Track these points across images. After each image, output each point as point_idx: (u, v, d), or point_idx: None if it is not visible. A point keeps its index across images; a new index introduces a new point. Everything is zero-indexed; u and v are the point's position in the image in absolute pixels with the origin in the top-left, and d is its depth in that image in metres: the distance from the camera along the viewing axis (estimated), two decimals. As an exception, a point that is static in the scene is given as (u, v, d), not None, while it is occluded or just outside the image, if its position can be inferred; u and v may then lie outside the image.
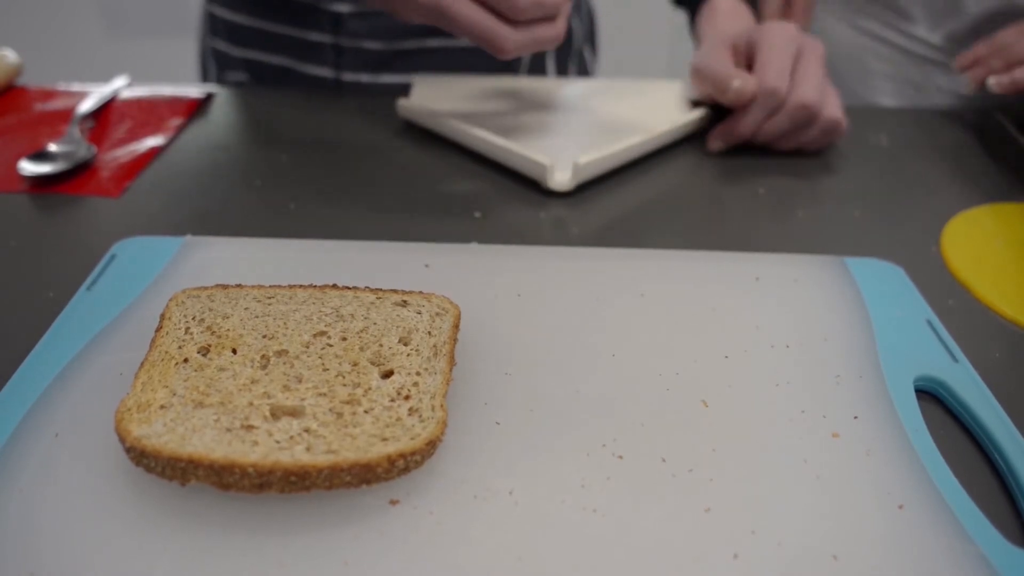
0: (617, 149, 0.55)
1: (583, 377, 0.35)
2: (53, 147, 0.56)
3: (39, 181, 0.53)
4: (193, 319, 0.35)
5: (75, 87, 0.67)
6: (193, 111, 0.64)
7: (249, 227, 0.49)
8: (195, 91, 0.67)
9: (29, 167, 0.53)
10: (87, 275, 0.42)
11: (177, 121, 0.62)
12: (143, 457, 0.28)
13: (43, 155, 0.55)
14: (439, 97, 0.64)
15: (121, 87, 0.67)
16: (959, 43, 0.75)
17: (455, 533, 0.28)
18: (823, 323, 0.40)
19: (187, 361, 0.32)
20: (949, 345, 0.38)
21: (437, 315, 0.36)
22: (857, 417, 0.34)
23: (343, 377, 0.32)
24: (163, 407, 0.30)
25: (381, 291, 0.37)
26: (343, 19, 0.73)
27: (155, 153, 0.58)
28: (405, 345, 0.34)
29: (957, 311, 0.43)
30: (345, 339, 0.34)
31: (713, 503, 0.29)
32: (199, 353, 0.33)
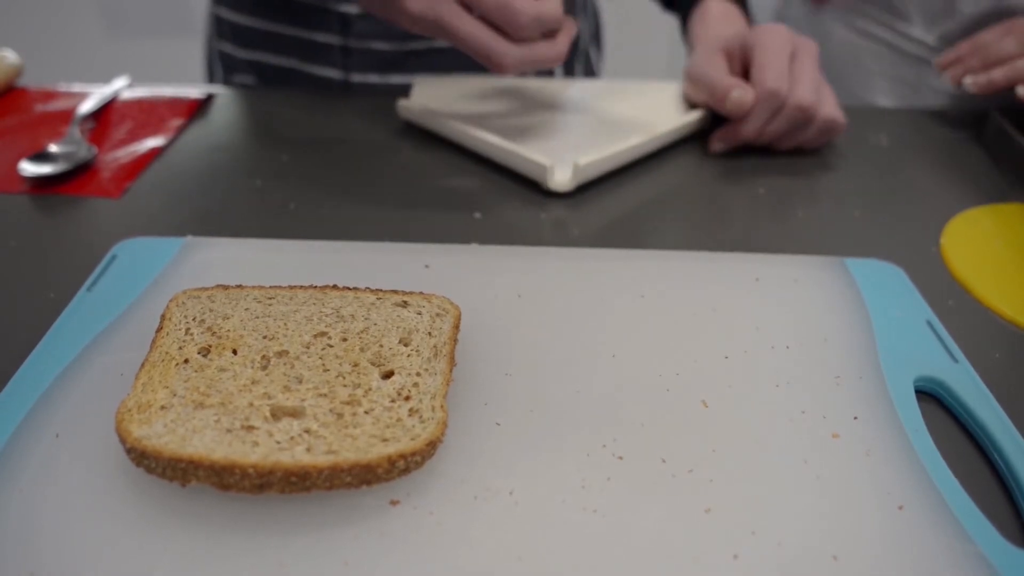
0: (617, 150, 0.55)
1: (583, 377, 0.35)
2: (53, 148, 0.56)
3: (40, 182, 0.53)
4: (193, 320, 0.35)
5: (75, 88, 0.67)
6: (193, 112, 0.64)
7: (249, 227, 0.49)
8: (195, 91, 0.67)
9: (30, 168, 0.53)
10: (87, 275, 0.42)
11: (177, 122, 0.62)
12: (144, 458, 0.28)
13: (44, 156, 0.55)
14: (439, 97, 0.64)
15: (121, 88, 0.67)
16: (952, 44, 0.75)
17: (455, 533, 0.28)
18: (823, 323, 0.40)
19: (187, 362, 0.32)
20: (949, 345, 0.38)
21: (437, 316, 0.36)
22: (857, 417, 0.34)
23: (343, 378, 0.32)
24: (163, 408, 0.30)
25: (381, 292, 0.37)
26: (351, 20, 0.73)
27: (155, 154, 0.58)
28: (405, 346, 0.34)
29: (957, 311, 0.43)
30: (345, 340, 0.34)
31: (713, 503, 0.29)
32: (199, 354, 0.33)
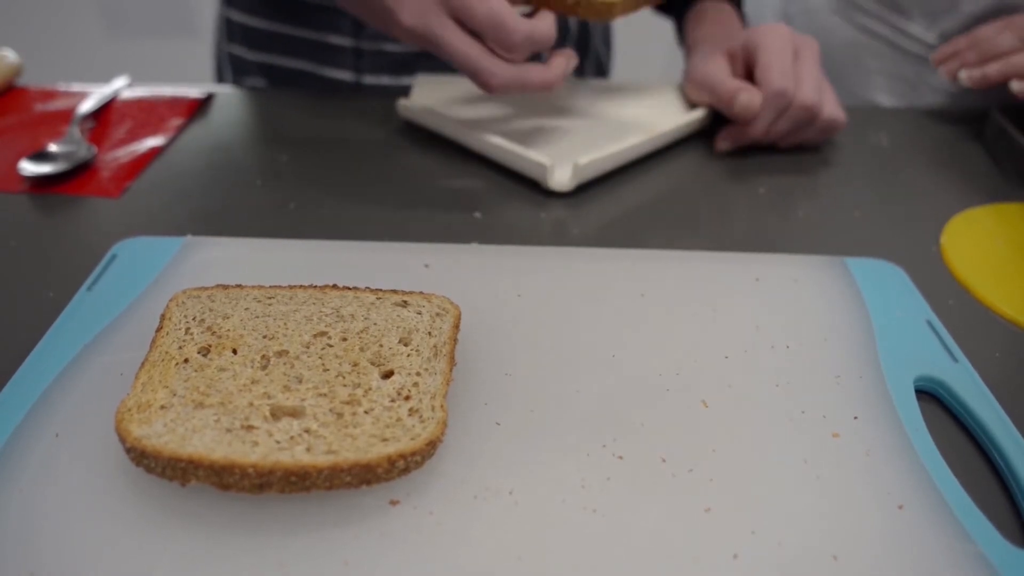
0: (617, 149, 0.55)
1: (583, 377, 0.35)
2: (53, 147, 0.56)
3: (39, 181, 0.53)
4: (193, 319, 0.35)
5: (75, 87, 0.67)
6: (193, 111, 0.64)
7: (249, 227, 0.49)
8: (195, 91, 0.67)
9: (29, 167, 0.53)
10: (87, 275, 0.42)
11: (177, 121, 0.62)
12: (143, 457, 0.28)
13: (43, 155, 0.55)
14: (439, 97, 0.64)
15: (121, 87, 0.67)
16: None
17: (455, 533, 0.28)
18: (823, 323, 0.40)
19: (187, 361, 0.32)
20: (949, 345, 0.38)
21: (437, 315, 0.36)
22: (857, 417, 0.34)
23: (343, 377, 0.32)
24: (163, 407, 0.30)
25: (381, 291, 0.37)
26: (364, 22, 0.72)
27: (155, 153, 0.58)
28: (405, 345, 0.34)
29: (957, 311, 0.43)
30: (345, 339, 0.34)
31: (713, 503, 0.29)
32: (199, 353, 0.33)
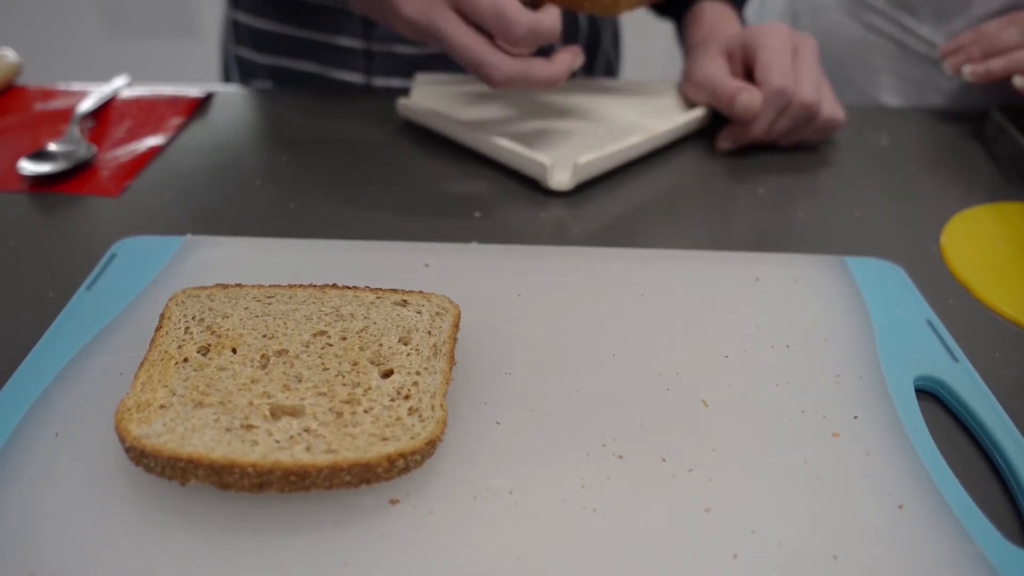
0: (617, 149, 0.55)
1: (583, 377, 0.35)
2: (53, 147, 0.56)
3: (39, 181, 0.53)
4: (193, 319, 0.35)
5: (75, 87, 0.67)
6: (193, 111, 0.64)
7: (249, 227, 0.49)
8: (195, 90, 0.67)
9: (29, 167, 0.53)
10: (87, 275, 0.41)
11: (177, 121, 0.62)
12: (143, 457, 0.28)
13: (43, 155, 0.55)
14: (439, 97, 0.64)
15: (121, 87, 0.67)
16: None
17: (455, 533, 0.28)
18: (823, 323, 0.40)
19: (187, 361, 0.32)
20: (949, 345, 0.38)
21: (437, 315, 0.36)
22: (857, 417, 0.34)
23: (343, 377, 0.32)
24: (163, 407, 0.30)
25: (381, 291, 0.37)
26: (375, 23, 0.72)
27: (155, 153, 0.58)
28: (405, 345, 0.34)
29: (957, 311, 0.43)
30: (345, 339, 0.34)
31: (713, 503, 0.29)
32: (199, 353, 0.33)
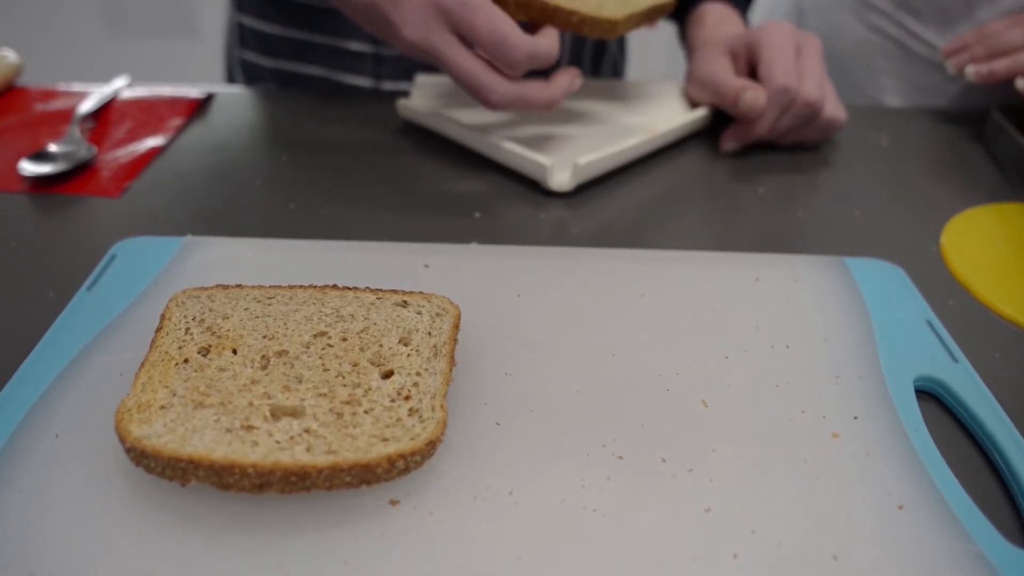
0: (617, 149, 0.55)
1: (583, 377, 0.35)
2: (53, 147, 0.56)
3: (39, 181, 0.53)
4: (193, 319, 0.35)
5: (75, 87, 0.67)
6: (193, 111, 0.64)
7: (249, 227, 0.49)
8: (195, 91, 0.67)
9: (29, 167, 0.53)
10: (87, 275, 0.42)
11: (177, 121, 0.62)
12: (143, 457, 0.28)
13: (43, 155, 0.55)
14: (439, 97, 0.64)
15: (121, 87, 0.67)
16: None
17: (455, 533, 0.28)
18: (823, 323, 0.40)
19: (187, 361, 0.32)
20: (949, 345, 0.38)
21: (437, 315, 0.36)
22: (857, 417, 0.34)
23: (343, 377, 0.32)
24: (163, 407, 0.30)
25: (381, 291, 0.37)
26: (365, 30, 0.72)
27: (155, 153, 0.58)
28: (405, 345, 0.34)
29: (957, 311, 0.43)
30: (345, 339, 0.34)
31: (713, 503, 0.29)
32: (199, 353, 0.33)
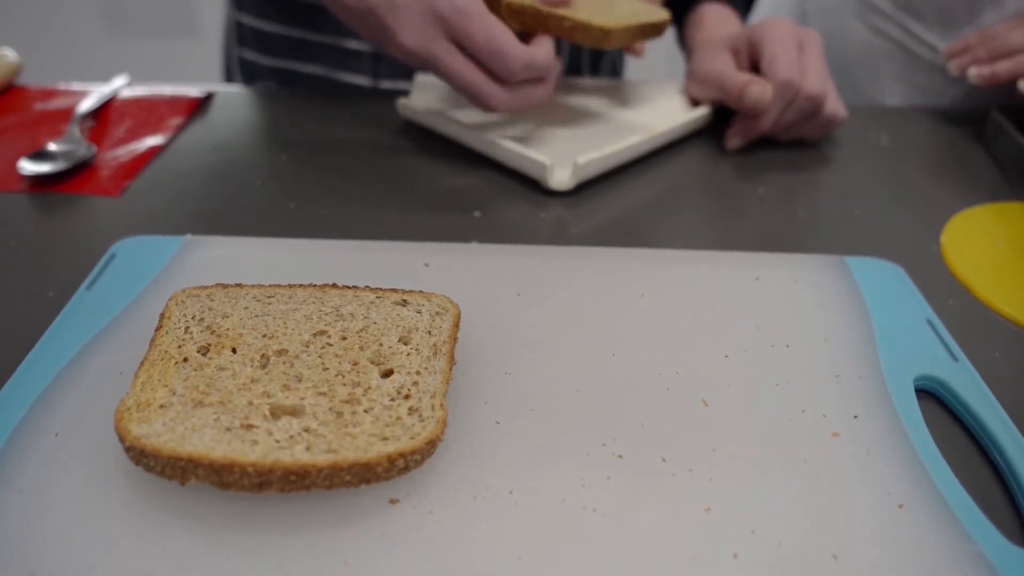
0: (617, 149, 0.55)
1: (583, 376, 0.35)
2: (53, 146, 0.56)
3: (39, 180, 0.53)
4: (193, 318, 0.35)
5: (75, 87, 0.67)
6: (193, 110, 0.64)
7: (249, 227, 0.49)
8: (195, 91, 0.67)
9: (29, 166, 0.53)
10: (87, 275, 0.41)
11: (177, 121, 0.62)
12: (143, 456, 0.28)
13: (43, 154, 0.55)
14: (439, 96, 0.64)
15: (121, 87, 0.67)
16: None
17: (455, 532, 0.28)
18: (823, 323, 0.40)
19: (187, 360, 0.32)
20: (949, 345, 0.38)
21: (437, 314, 0.36)
22: (857, 417, 0.34)
23: (343, 376, 0.32)
24: (163, 406, 0.30)
25: (381, 290, 0.37)
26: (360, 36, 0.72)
27: (155, 153, 0.58)
28: (405, 344, 0.34)
29: (957, 311, 0.43)
30: (345, 338, 0.34)
31: (713, 503, 0.29)
32: (199, 352, 0.33)
